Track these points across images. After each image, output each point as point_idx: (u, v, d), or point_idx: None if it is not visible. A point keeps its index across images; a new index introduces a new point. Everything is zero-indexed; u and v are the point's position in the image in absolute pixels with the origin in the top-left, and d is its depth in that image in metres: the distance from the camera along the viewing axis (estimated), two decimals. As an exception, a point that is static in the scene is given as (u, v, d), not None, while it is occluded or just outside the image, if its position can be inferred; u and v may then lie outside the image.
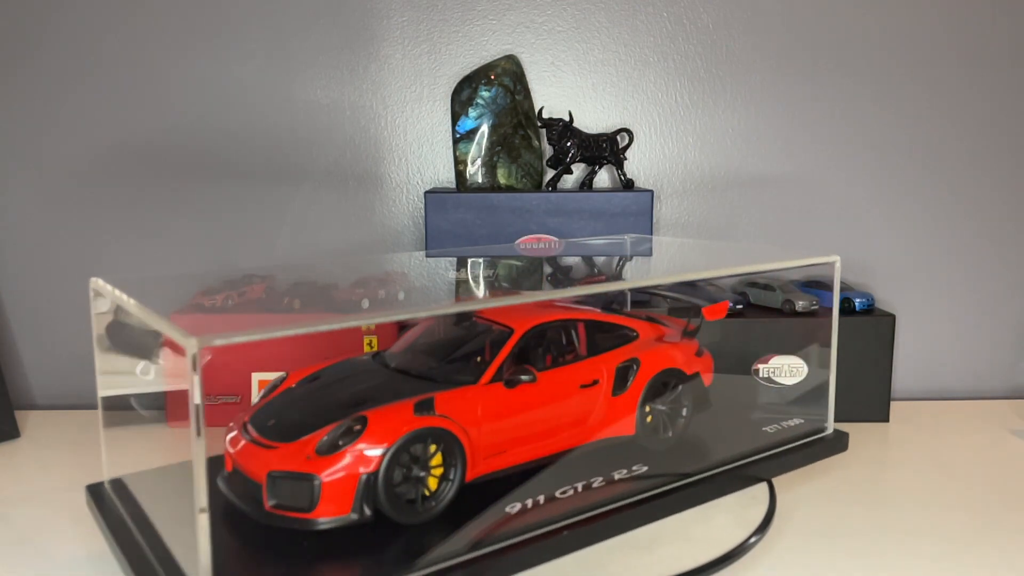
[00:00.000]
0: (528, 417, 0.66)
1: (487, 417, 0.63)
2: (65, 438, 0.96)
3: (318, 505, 0.56)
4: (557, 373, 0.69)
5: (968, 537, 0.71)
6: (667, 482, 0.68)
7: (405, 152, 1.10)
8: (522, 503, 0.61)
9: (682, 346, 0.78)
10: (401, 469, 0.59)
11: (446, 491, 0.61)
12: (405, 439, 0.58)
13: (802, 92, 1.09)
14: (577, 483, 0.65)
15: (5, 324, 1.11)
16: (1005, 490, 0.80)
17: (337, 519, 0.56)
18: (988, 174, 1.10)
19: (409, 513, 0.59)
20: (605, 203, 0.99)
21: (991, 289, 1.12)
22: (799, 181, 1.10)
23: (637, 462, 0.70)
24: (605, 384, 0.72)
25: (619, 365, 0.73)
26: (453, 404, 0.62)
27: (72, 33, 1.06)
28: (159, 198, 1.10)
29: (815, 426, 0.81)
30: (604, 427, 0.71)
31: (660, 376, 0.74)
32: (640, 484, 0.68)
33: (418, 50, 1.08)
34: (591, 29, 1.08)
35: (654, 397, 0.74)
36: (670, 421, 0.75)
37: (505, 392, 0.65)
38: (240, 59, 1.07)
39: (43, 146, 1.08)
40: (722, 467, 0.72)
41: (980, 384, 1.13)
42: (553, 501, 0.62)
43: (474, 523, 0.59)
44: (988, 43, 1.08)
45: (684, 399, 0.76)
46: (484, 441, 0.63)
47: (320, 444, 0.58)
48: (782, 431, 0.80)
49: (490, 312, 0.71)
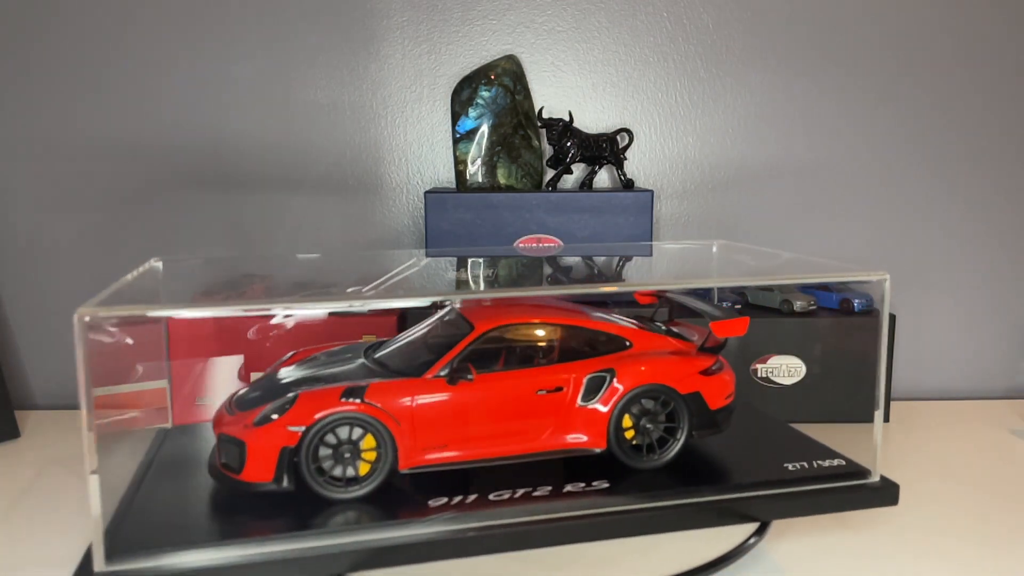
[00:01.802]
0: (470, 415, 0.66)
1: (423, 410, 0.65)
2: (65, 438, 0.96)
3: (245, 469, 0.63)
4: (510, 375, 0.68)
5: (968, 537, 0.71)
6: (629, 503, 0.64)
7: (405, 152, 1.10)
8: (448, 498, 0.63)
9: (682, 361, 0.71)
10: (327, 448, 0.63)
11: (375, 475, 0.64)
12: (325, 421, 0.62)
13: (802, 92, 1.09)
14: (518, 488, 0.65)
15: (5, 324, 1.11)
16: (1005, 490, 0.80)
17: (261, 484, 0.62)
18: (988, 174, 1.10)
19: (334, 490, 0.63)
20: (605, 203, 0.99)
21: (991, 289, 1.12)
22: (799, 181, 1.10)
23: (600, 478, 0.66)
24: (570, 392, 0.68)
25: (591, 374, 0.68)
26: (386, 394, 0.65)
27: (71, 33, 1.06)
28: (159, 198, 1.10)
29: (855, 468, 0.69)
30: (568, 437, 0.68)
31: (641, 391, 0.68)
32: (596, 500, 0.64)
33: (418, 50, 1.08)
34: (591, 29, 1.08)
35: (636, 413, 0.68)
36: (658, 442, 0.69)
37: (446, 388, 0.66)
38: (240, 59, 1.07)
39: (43, 147, 1.08)
40: (705, 498, 0.65)
41: (980, 384, 1.13)
42: (484, 502, 0.63)
43: (392, 507, 0.63)
44: (990, 41, 1.08)
45: (677, 420, 0.69)
46: (421, 433, 0.65)
47: (257, 416, 0.64)
48: (809, 470, 0.69)
49: (469, 312, 0.72)
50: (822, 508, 0.67)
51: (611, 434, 0.68)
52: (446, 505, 0.62)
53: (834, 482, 0.67)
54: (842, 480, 0.67)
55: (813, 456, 0.71)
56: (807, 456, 0.71)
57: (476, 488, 0.65)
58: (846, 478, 0.68)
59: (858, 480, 0.67)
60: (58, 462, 0.89)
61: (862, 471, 0.68)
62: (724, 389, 0.72)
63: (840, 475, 0.68)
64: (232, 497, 0.64)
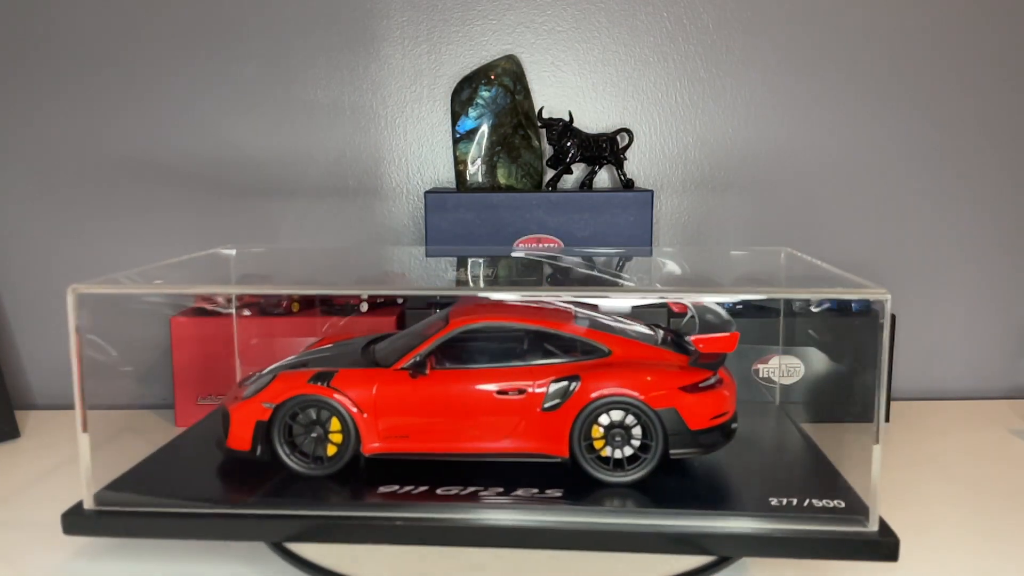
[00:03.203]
0: (430, 409, 0.69)
1: (385, 400, 0.69)
2: (65, 438, 0.96)
3: (229, 437, 0.71)
4: (472, 374, 0.69)
5: (968, 537, 0.71)
6: (572, 515, 0.63)
7: (405, 152, 1.10)
8: (400, 487, 0.66)
9: (659, 374, 0.68)
10: (299, 426, 0.69)
11: (340, 456, 0.69)
12: (292, 401, 0.69)
13: (802, 92, 1.09)
14: (470, 487, 0.66)
15: (5, 324, 1.11)
16: (1005, 490, 0.80)
17: (241, 452, 0.70)
18: (989, 173, 1.10)
19: (303, 466, 0.70)
20: (605, 203, 0.99)
21: (991, 289, 1.12)
22: (799, 181, 1.10)
23: (555, 486, 0.66)
24: (532, 396, 0.68)
25: (555, 380, 0.68)
26: (351, 381, 0.69)
27: (70, 33, 1.06)
28: (159, 197, 1.10)
29: (851, 512, 0.62)
30: (528, 441, 0.68)
31: (606, 401, 0.66)
32: (541, 508, 0.63)
33: (418, 50, 1.08)
34: (591, 29, 1.08)
35: (606, 425, 0.67)
36: (629, 459, 0.67)
37: (408, 380, 0.69)
38: (240, 59, 1.07)
39: (43, 147, 1.08)
40: (655, 522, 0.62)
41: (980, 384, 1.13)
42: (431, 495, 0.65)
43: (346, 489, 0.68)
44: (990, 41, 1.08)
45: (648, 435, 0.67)
46: (383, 421, 0.69)
47: (246, 391, 0.71)
48: (795, 508, 0.63)
49: (454, 310, 0.74)
50: (798, 552, 0.61)
51: (574, 443, 0.67)
52: (393, 494, 0.65)
53: (822, 525, 0.60)
54: (832, 524, 0.60)
55: (810, 491, 0.65)
56: (804, 489, 0.65)
57: (431, 481, 0.67)
58: (838, 522, 0.60)
59: (851, 527, 0.60)
60: (58, 462, 0.89)
61: (858, 516, 0.61)
62: (712, 408, 0.68)
63: (832, 518, 0.61)
64: (222, 465, 0.72)
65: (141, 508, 0.65)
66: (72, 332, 0.65)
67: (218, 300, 0.98)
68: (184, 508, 0.65)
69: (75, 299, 0.64)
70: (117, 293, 0.69)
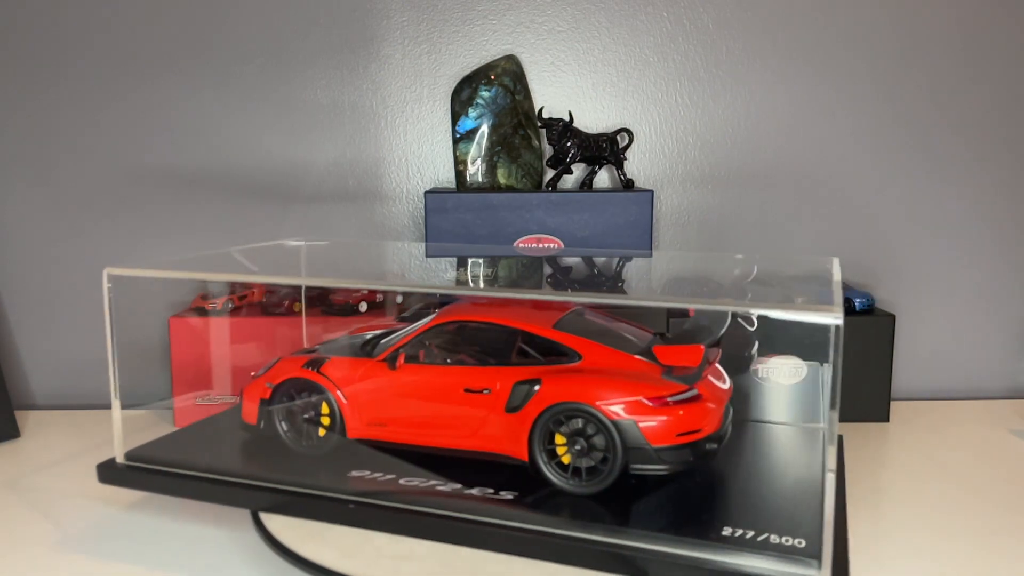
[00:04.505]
0: (402, 401, 0.71)
1: (366, 388, 0.72)
2: (65, 438, 0.96)
3: (242, 412, 0.77)
4: (442, 370, 0.70)
5: (968, 537, 0.71)
6: (517, 519, 0.61)
7: (405, 152, 1.10)
8: (369, 472, 0.69)
9: (620, 384, 0.64)
10: (295, 407, 0.74)
11: (329, 438, 0.73)
12: (286, 383, 0.74)
13: (802, 92, 1.09)
14: (430, 479, 0.67)
15: (5, 324, 1.11)
16: (1005, 490, 0.80)
17: (251, 426, 0.76)
18: (989, 173, 1.10)
19: (297, 444, 0.75)
20: (605, 203, 0.99)
21: (991, 289, 1.12)
22: (799, 181, 1.10)
23: (510, 488, 0.65)
24: (497, 396, 0.67)
25: (518, 381, 0.66)
26: (340, 369, 0.73)
27: (69, 32, 1.06)
28: (159, 198, 1.10)
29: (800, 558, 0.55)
30: (492, 440, 0.67)
31: (560, 408, 0.64)
32: (489, 508, 0.63)
33: (418, 50, 1.08)
34: (591, 29, 1.08)
35: (567, 433, 0.64)
36: (588, 470, 0.64)
37: (387, 372, 0.71)
38: (240, 59, 1.07)
39: (44, 149, 1.08)
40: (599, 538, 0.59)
41: (980, 384, 1.13)
42: (393, 484, 0.68)
43: (329, 469, 0.72)
44: (990, 41, 1.08)
45: (605, 446, 0.63)
46: (363, 408, 0.72)
47: (258, 372, 0.78)
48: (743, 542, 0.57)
49: (444, 308, 0.76)
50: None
51: (533, 447, 0.65)
52: (360, 478, 0.69)
53: (767, 563, 0.55)
54: (778, 563, 0.55)
55: (773, 523, 0.60)
56: (767, 520, 0.60)
57: (399, 470, 0.69)
58: (786, 562, 0.55)
59: (797, 569, 0.55)
60: (58, 462, 0.89)
61: (811, 559, 0.55)
62: (680, 424, 0.63)
63: (780, 557, 0.56)
64: (236, 439, 0.79)
65: (159, 468, 0.74)
66: (106, 312, 0.75)
67: (216, 302, 0.98)
68: (191, 472, 0.72)
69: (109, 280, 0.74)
70: (147, 277, 0.78)
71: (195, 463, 0.73)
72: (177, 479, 0.72)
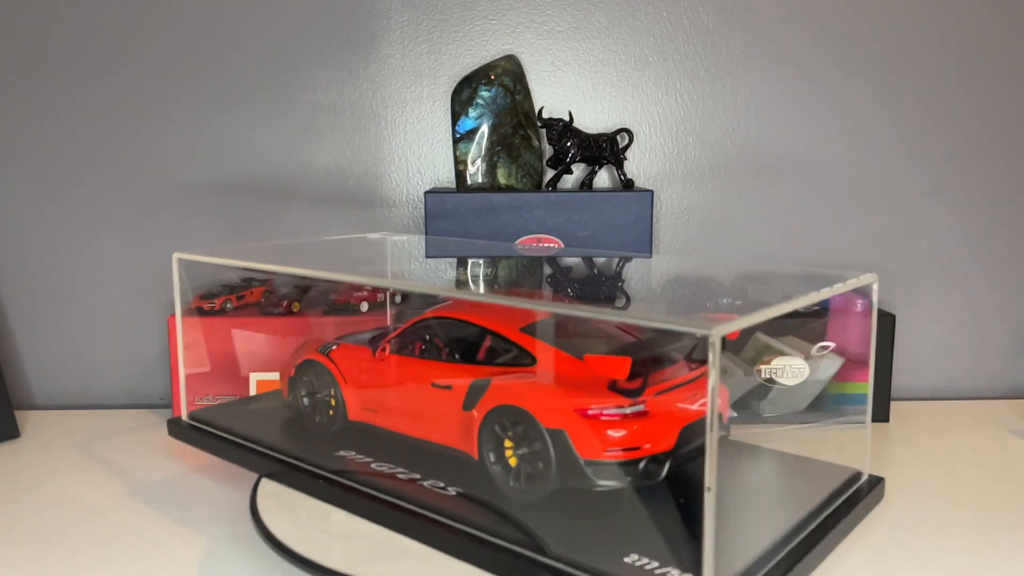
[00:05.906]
0: (385, 390, 0.76)
1: (360, 374, 0.77)
2: (65, 438, 0.96)
3: (283, 389, 0.85)
4: (417, 363, 0.73)
5: (968, 537, 0.71)
6: (460, 520, 0.61)
7: (405, 152, 1.10)
8: (354, 453, 0.74)
9: (558, 391, 0.61)
10: (312, 386, 0.80)
11: (335, 418, 0.79)
12: (304, 363, 0.81)
13: (802, 92, 1.09)
14: (396, 467, 0.70)
15: (5, 324, 1.11)
16: (1005, 490, 0.80)
17: (286, 401, 0.84)
18: (989, 173, 1.10)
19: (311, 421, 0.81)
20: (605, 203, 0.99)
21: (991, 289, 1.12)
22: (799, 181, 1.10)
23: (457, 484, 0.65)
24: (457, 393, 0.68)
25: (474, 381, 0.67)
26: (344, 354, 0.79)
27: (69, 32, 1.06)
28: (158, 197, 1.10)
29: None
30: (452, 436, 0.68)
31: (501, 409, 0.63)
32: (432, 501, 0.63)
33: (418, 50, 1.08)
34: (591, 29, 1.08)
35: (512, 436, 0.63)
36: (523, 472, 0.62)
37: (377, 362, 0.76)
38: (241, 59, 1.07)
39: (44, 148, 1.08)
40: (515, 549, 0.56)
41: (980, 384, 1.13)
42: (363, 466, 0.72)
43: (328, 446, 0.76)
44: (989, 41, 1.08)
45: (540, 453, 0.61)
46: (359, 393, 0.77)
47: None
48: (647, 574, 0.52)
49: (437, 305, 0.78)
50: None
51: (481, 446, 0.65)
52: (342, 458, 0.73)
53: None
54: None
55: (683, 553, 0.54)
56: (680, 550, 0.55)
57: (377, 455, 0.73)
58: None
59: None
60: (58, 462, 0.89)
61: None
62: (613, 439, 0.59)
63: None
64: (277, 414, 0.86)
65: (213, 430, 0.82)
66: (176, 295, 0.85)
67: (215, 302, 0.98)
68: (233, 438, 0.80)
69: (176, 264, 0.84)
70: (211, 262, 0.83)
71: (237, 430, 0.81)
72: (222, 442, 0.80)
